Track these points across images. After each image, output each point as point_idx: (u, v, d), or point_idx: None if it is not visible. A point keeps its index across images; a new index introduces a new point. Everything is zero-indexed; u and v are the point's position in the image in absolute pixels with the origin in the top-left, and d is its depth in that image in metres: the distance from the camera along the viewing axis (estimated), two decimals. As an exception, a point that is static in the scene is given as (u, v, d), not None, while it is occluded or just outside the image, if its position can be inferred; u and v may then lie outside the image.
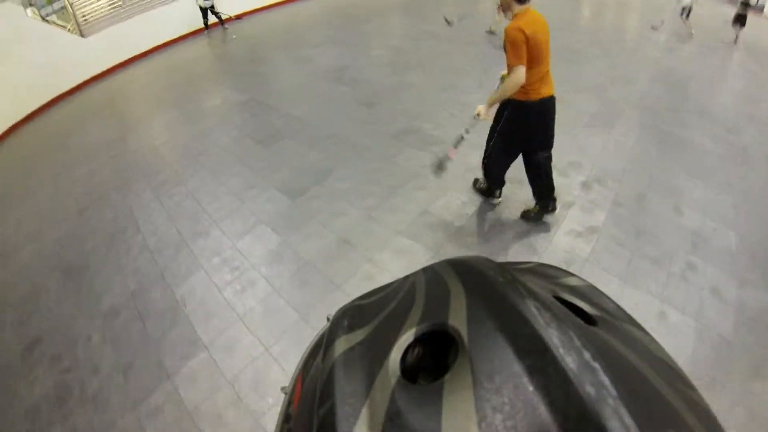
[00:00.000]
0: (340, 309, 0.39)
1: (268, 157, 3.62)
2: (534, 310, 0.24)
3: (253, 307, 2.24)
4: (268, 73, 5.79)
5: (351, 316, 0.36)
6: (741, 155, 3.46)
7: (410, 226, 2.68)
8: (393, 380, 0.25)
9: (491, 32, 6.14)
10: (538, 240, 2.53)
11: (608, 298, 0.35)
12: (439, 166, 2.59)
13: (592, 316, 0.30)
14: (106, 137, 4.66)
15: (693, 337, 2.01)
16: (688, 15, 6.63)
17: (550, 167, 2.41)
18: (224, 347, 2.06)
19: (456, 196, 2.92)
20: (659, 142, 3.54)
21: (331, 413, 0.26)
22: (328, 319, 0.41)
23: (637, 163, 3.24)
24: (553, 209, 2.59)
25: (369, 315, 0.35)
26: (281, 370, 1.92)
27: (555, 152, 2.39)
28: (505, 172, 2.58)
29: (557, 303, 0.27)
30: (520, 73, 1.96)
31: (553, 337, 0.22)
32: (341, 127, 4.01)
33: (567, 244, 2.48)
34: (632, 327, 0.31)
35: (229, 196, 3.14)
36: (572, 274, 0.38)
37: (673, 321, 2.08)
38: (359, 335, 0.32)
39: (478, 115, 2.23)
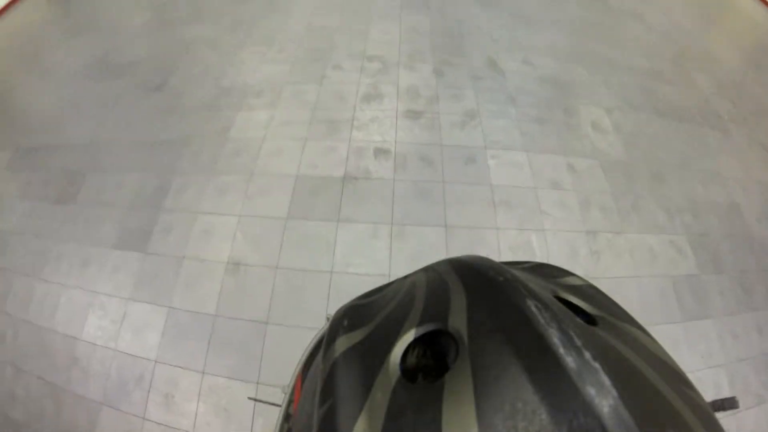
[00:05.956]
0: (340, 309, 0.37)
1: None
2: (534, 309, 0.23)
3: None
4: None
5: (351, 315, 0.34)
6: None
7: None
8: (393, 380, 0.24)
9: None
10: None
11: (608, 297, 0.33)
12: None
13: (592, 315, 0.29)
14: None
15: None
16: None
17: None
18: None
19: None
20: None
21: (331, 413, 0.24)
22: (327, 319, 0.42)
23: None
24: None
25: (369, 314, 0.33)
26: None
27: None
28: None
29: (557, 303, 0.25)
30: None
31: (553, 336, 0.21)
32: (122, 129, 2.70)
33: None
34: (632, 327, 0.29)
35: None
36: (572, 274, 0.36)
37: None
38: (359, 335, 0.31)
39: None
